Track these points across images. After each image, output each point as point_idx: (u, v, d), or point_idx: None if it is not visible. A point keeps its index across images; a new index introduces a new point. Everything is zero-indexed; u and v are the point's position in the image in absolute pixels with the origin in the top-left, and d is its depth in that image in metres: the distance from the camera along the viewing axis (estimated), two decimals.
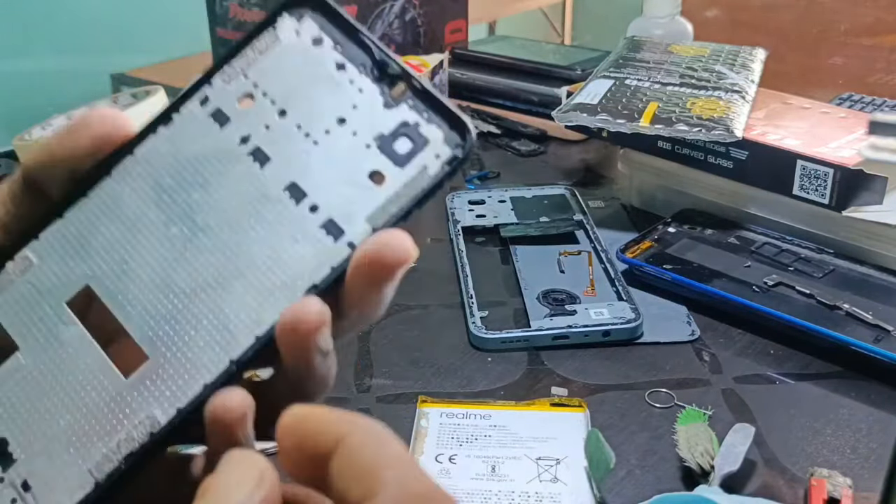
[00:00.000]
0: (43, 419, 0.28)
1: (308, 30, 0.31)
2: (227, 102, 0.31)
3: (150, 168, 0.30)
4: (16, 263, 0.30)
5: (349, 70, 0.30)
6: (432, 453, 0.46)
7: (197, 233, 0.29)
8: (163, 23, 1.73)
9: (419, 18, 1.08)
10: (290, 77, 0.31)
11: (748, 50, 0.83)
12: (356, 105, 0.30)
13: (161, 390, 0.28)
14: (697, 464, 0.45)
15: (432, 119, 0.30)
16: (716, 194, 0.71)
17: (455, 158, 0.29)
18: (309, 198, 0.29)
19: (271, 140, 0.30)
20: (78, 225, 0.30)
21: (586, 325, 0.57)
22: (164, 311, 0.29)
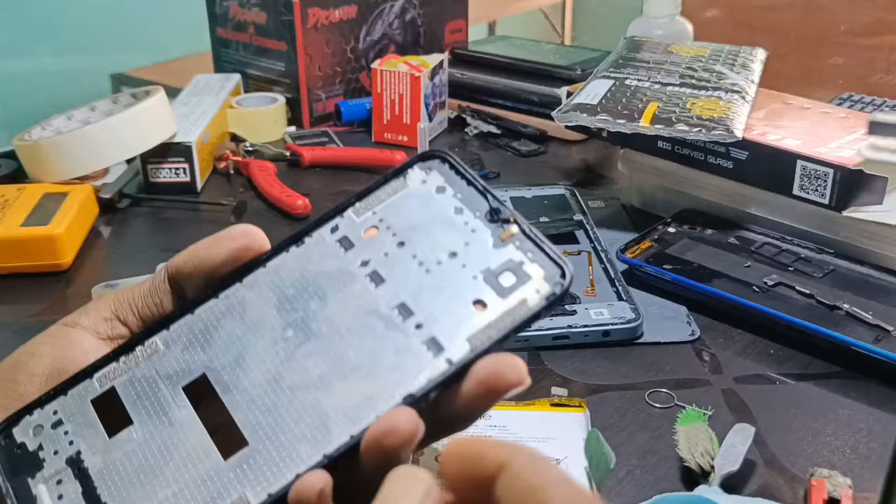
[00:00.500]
0: (144, 489, 0.31)
1: (434, 180, 0.36)
2: (353, 232, 0.35)
3: (277, 279, 0.35)
4: (145, 348, 0.34)
5: (465, 214, 0.35)
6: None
7: (309, 337, 0.33)
8: (163, 23, 1.73)
9: (419, 18, 1.08)
10: (412, 216, 0.35)
11: (748, 50, 0.83)
12: (468, 242, 0.34)
13: (256, 474, 0.31)
14: (697, 464, 0.45)
15: (536, 259, 0.33)
16: (716, 194, 0.71)
17: (553, 294, 0.32)
18: (415, 317, 0.33)
19: (388, 265, 0.34)
20: (205, 321, 0.34)
21: (586, 325, 0.57)
22: (269, 403, 0.32)
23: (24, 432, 0.33)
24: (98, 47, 1.69)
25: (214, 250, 0.35)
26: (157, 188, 0.81)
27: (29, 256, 0.67)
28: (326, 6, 0.97)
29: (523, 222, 0.34)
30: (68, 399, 0.33)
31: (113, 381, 0.33)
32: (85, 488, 0.31)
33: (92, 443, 0.32)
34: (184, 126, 0.83)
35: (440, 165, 0.36)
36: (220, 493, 0.31)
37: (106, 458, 0.32)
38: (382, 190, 0.36)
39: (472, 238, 0.34)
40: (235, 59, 1.04)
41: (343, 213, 0.36)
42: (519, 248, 0.33)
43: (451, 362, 0.31)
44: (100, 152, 0.76)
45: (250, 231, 0.35)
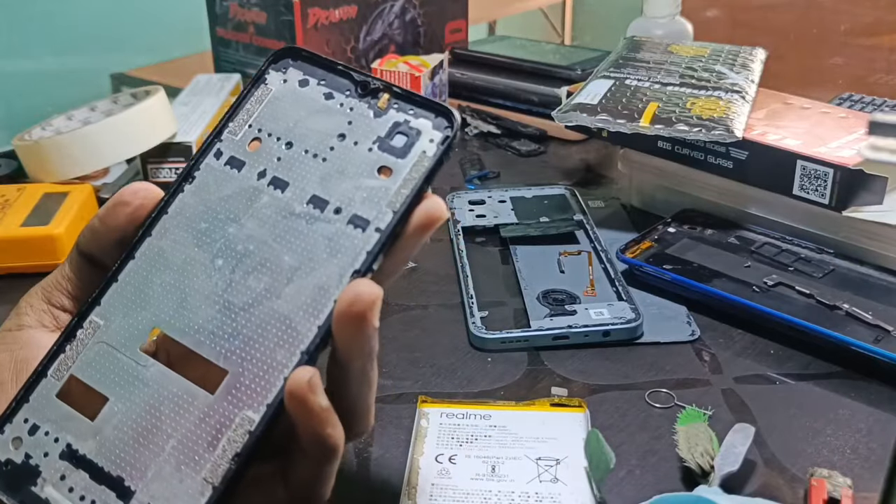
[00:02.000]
0: (148, 450, 0.32)
1: (293, 76, 0.37)
2: (238, 150, 0.36)
3: (185, 219, 0.35)
4: (85, 330, 0.34)
5: (336, 96, 0.36)
6: (432, 453, 0.46)
7: (240, 259, 0.34)
8: (163, 23, 1.73)
9: (419, 18, 1.08)
10: (287, 116, 0.36)
11: (748, 50, 0.83)
12: (350, 121, 0.35)
13: (248, 394, 0.32)
14: (697, 464, 0.45)
15: (419, 114, 0.35)
16: (716, 194, 0.71)
17: (447, 138, 0.34)
18: (331, 204, 0.34)
19: (285, 168, 0.35)
20: (133, 283, 0.34)
21: (586, 325, 0.57)
22: (230, 329, 0.33)
23: (4, 449, 0.33)
24: (98, 47, 1.69)
25: (112, 221, 0.35)
26: None
27: (29, 256, 0.67)
28: (326, 6, 0.97)
29: (393, 85, 0.36)
30: (33, 404, 0.33)
31: (69, 370, 0.33)
32: (92, 472, 0.32)
33: (77, 431, 0.32)
34: (184, 126, 0.83)
35: (294, 61, 0.37)
36: (221, 423, 0.31)
37: (98, 438, 0.32)
38: (248, 102, 0.36)
39: (352, 116, 0.35)
40: (235, 59, 1.04)
41: (220, 136, 0.36)
42: (399, 110, 0.35)
43: (381, 230, 0.33)
44: (100, 152, 0.76)
45: (140, 189, 0.35)
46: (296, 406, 0.30)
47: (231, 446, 0.31)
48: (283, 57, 0.37)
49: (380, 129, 0.35)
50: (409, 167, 0.34)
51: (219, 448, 0.31)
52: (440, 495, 0.43)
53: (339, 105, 0.36)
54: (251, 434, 0.31)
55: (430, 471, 0.45)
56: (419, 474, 0.45)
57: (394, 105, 0.35)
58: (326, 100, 0.36)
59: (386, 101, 0.35)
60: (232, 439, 0.31)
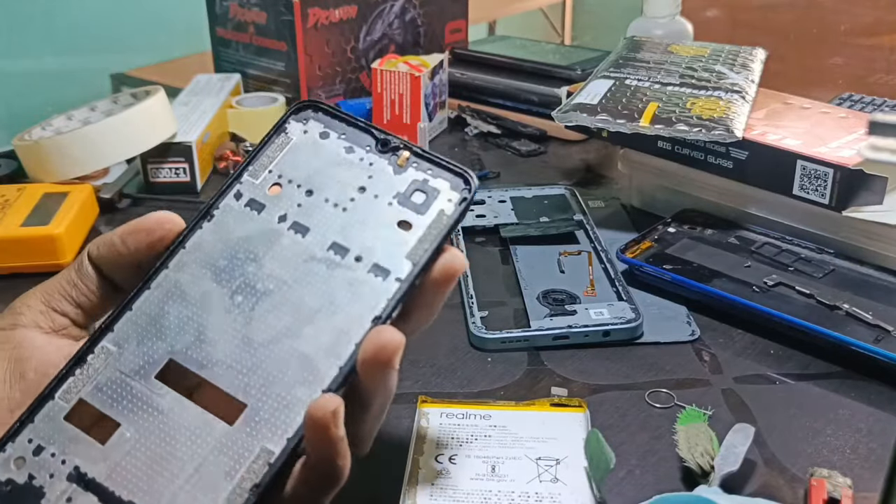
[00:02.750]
0: (162, 476, 0.32)
1: (314, 128, 0.38)
2: (258, 193, 0.37)
3: (203, 255, 0.35)
4: (97, 356, 0.34)
5: (357, 151, 0.37)
6: (432, 453, 0.46)
7: (260, 297, 0.34)
8: (163, 23, 1.73)
9: (419, 18, 1.08)
10: (308, 165, 0.37)
11: (748, 50, 0.83)
12: (371, 175, 0.37)
13: (268, 428, 0.32)
14: (697, 464, 0.45)
15: (437, 174, 0.36)
16: (716, 194, 0.71)
17: (464, 199, 0.36)
18: (352, 252, 0.35)
19: (305, 214, 0.36)
20: (147, 313, 0.35)
21: (586, 325, 0.57)
22: (250, 364, 0.33)
23: (6, 469, 0.32)
24: (98, 47, 1.69)
25: (133, 244, 0.36)
26: (157, 188, 0.81)
27: (29, 256, 0.67)
28: (326, 6, 0.97)
29: (412, 145, 0.37)
30: (38, 425, 0.33)
31: (78, 393, 0.33)
32: (101, 496, 0.31)
33: (86, 455, 0.32)
34: (184, 126, 0.83)
35: (314, 113, 0.38)
36: (240, 454, 0.32)
37: (108, 463, 0.32)
38: (269, 148, 0.38)
39: (372, 171, 0.37)
40: (235, 59, 1.04)
41: (240, 178, 0.37)
42: (418, 169, 0.37)
43: (401, 280, 0.34)
44: (100, 152, 0.76)
45: (165, 221, 0.36)
46: (316, 433, 0.31)
47: (250, 477, 0.31)
48: (304, 109, 0.38)
49: (399, 185, 0.36)
50: (427, 224, 0.35)
51: (237, 478, 0.31)
52: (440, 495, 0.43)
53: (360, 159, 0.37)
54: (271, 466, 0.31)
55: (430, 471, 0.45)
56: (419, 474, 0.45)
57: (413, 163, 0.37)
58: (347, 153, 0.37)
59: (405, 160, 0.37)
60: (251, 470, 0.31)
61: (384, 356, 0.32)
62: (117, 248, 0.36)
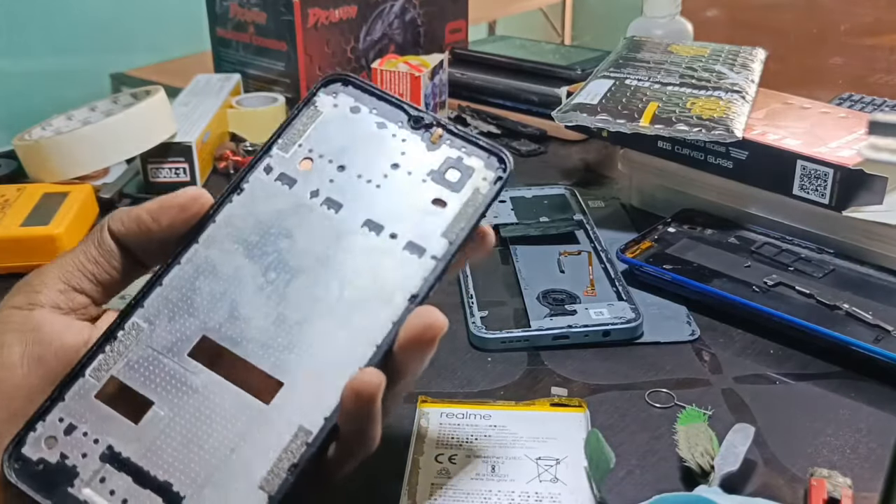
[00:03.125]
0: (198, 456, 0.31)
1: (344, 102, 0.37)
2: (288, 167, 0.36)
3: (234, 230, 0.35)
4: (127, 332, 0.33)
5: (389, 127, 0.37)
6: (432, 453, 0.46)
7: (294, 273, 0.34)
8: (163, 23, 1.73)
9: (419, 18, 1.08)
10: (339, 139, 0.36)
11: (748, 50, 0.83)
12: (404, 152, 0.36)
13: (303, 406, 0.32)
14: (697, 464, 0.45)
15: (471, 152, 0.36)
16: (716, 194, 0.71)
17: (499, 178, 0.35)
18: (386, 229, 0.35)
19: (338, 190, 0.35)
20: (179, 289, 0.34)
21: (586, 325, 0.57)
22: (285, 342, 0.33)
23: (36, 448, 0.32)
24: (98, 47, 1.69)
25: (165, 220, 0.35)
26: (157, 188, 0.81)
27: (29, 256, 0.67)
28: (326, 6, 0.97)
29: (446, 122, 0.37)
30: (69, 403, 0.32)
31: (109, 370, 0.33)
32: (136, 476, 0.31)
33: (119, 434, 0.32)
34: (184, 126, 0.83)
35: (344, 87, 0.37)
36: (278, 434, 0.31)
37: (142, 442, 0.31)
38: (298, 121, 0.37)
39: (405, 147, 0.36)
40: (235, 59, 1.04)
41: (269, 152, 0.36)
42: (452, 146, 0.36)
43: (437, 258, 0.34)
44: (100, 152, 0.76)
45: (199, 196, 0.35)
46: (359, 408, 0.31)
47: (287, 457, 0.31)
48: (333, 81, 0.38)
49: (433, 162, 0.36)
50: (463, 201, 0.35)
51: (274, 458, 0.31)
52: (440, 495, 0.43)
53: (392, 135, 0.36)
54: (308, 446, 0.31)
55: (430, 471, 0.45)
56: (419, 474, 0.45)
57: (446, 140, 0.36)
58: (379, 128, 0.36)
59: (439, 137, 0.36)
60: (289, 450, 0.31)
61: (429, 335, 0.32)
62: (147, 225, 0.35)
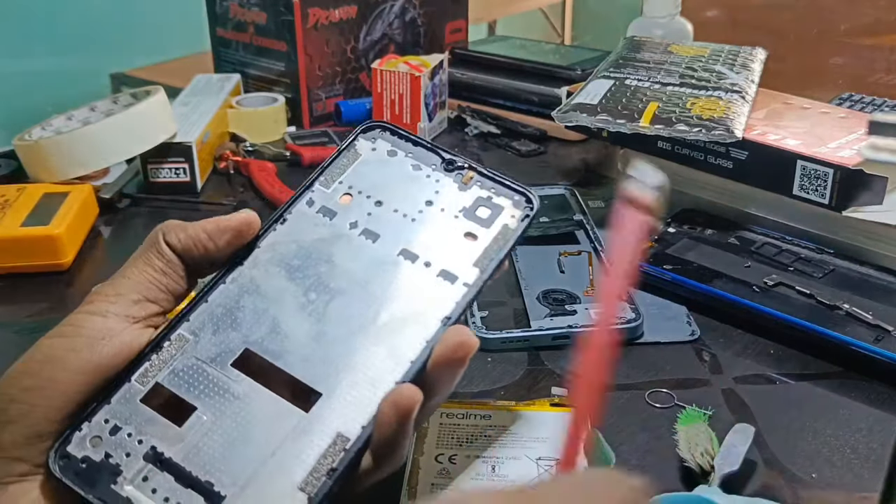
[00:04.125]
0: (240, 458, 0.32)
1: (382, 146, 0.41)
2: (329, 201, 0.39)
3: (277, 254, 0.37)
4: (173, 343, 0.35)
5: (424, 169, 0.40)
6: (432, 453, 0.46)
7: (333, 295, 0.36)
8: (163, 23, 1.73)
9: (419, 18, 1.08)
10: (377, 179, 0.39)
11: (748, 50, 0.83)
12: (437, 191, 0.39)
13: (342, 415, 0.33)
14: (697, 464, 0.45)
15: (500, 192, 0.39)
16: (716, 194, 0.71)
17: (527, 216, 0.39)
18: (421, 258, 0.37)
19: (376, 222, 0.38)
20: (224, 305, 0.36)
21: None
22: (324, 356, 0.35)
23: (81, 447, 0.33)
24: (98, 47, 1.69)
25: (222, 242, 0.37)
26: (157, 188, 0.81)
27: (29, 256, 0.67)
28: (326, 6, 0.97)
29: (477, 165, 0.40)
30: (114, 406, 0.34)
31: (155, 377, 0.34)
32: (178, 476, 0.32)
33: (163, 435, 0.33)
34: (184, 126, 0.83)
35: (382, 133, 0.41)
36: (316, 440, 0.33)
37: (186, 444, 0.33)
38: (339, 162, 0.40)
39: (439, 187, 0.39)
40: (235, 59, 1.04)
41: (312, 187, 0.39)
42: (482, 187, 0.39)
43: (468, 285, 0.37)
44: (100, 152, 0.76)
45: (251, 221, 0.38)
46: (398, 421, 0.32)
47: (327, 461, 0.32)
48: (373, 128, 0.41)
49: (465, 201, 0.39)
50: (493, 236, 0.38)
51: (314, 462, 0.32)
52: (440, 495, 0.43)
53: (427, 176, 0.39)
54: (346, 451, 0.32)
55: (430, 471, 0.45)
56: (419, 474, 0.45)
57: (477, 182, 0.39)
58: (414, 170, 0.40)
59: (470, 178, 0.39)
60: (327, 454, 0.32)
61: (461, 353, 0.34)
62: (204, 244, 0.37)
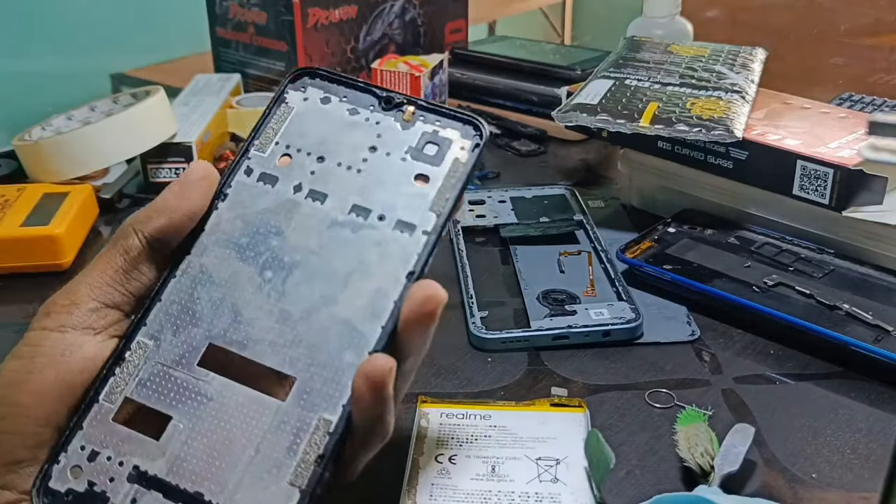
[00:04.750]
0: (225, 462, 0.31)
1: (313, 94, 0.38)
2: (268, 166, 0.36)
3: (223, 235, 0.35)
4: (134, 352, 0.34)
5: (361, 112, 0.37)
6: (432, 453, 0.46)
7: (290, 269, 0.34)
8: (163, 23, 1.73)
9: (419, 18, 1.08)
10: (314, 132, 0.37)
11: (748, 50, 0.83)
12: (379, 134, 0.37)
13: (319, 397, 0.32)
14: (697, 464, 0.45)
15: (445, 124, 0.37)
16: (716, 194, 0.71)
17: (477, 145, 0.36)
18: (374, 212, 0.35)
19: (320, 180, 0.36)
20: (179, 301, 0.34)
21: (586, 325, 0.57)
22: (291, 338, 0.33)
23: (63, 480, 0.31)
24: (98, 47, 1.69)
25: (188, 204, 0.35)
26: (157, 188, 0.81)
27: (29, 256, 0.67)
28: (326, 6, 0.97)
29: (416, 98, 0.37)
30: (87, 430, 0.32)
31: (122, 392, 0.33)
32: (166, 492, 0.31)
33: (143, 452, 0.32)
34: (184, 126, 0.83)
35: (311, 80, 0.38)
36: (299, 428, 0.32)
37: (167, 457, 0.32)
38: (271, 120, 0.37)
39: (380, 129, 0.37)
40: (235, 59, 1.04)
41: (247, 153, 0.37)
42: (426, 122, 0.37)
43: (428, 233, 0.34)
44: (100, 152, 0.76)
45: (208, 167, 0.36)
46: (372, 394, 0.31)
47: (313, 449, 0.31)
48: (300, 77, 0.38)
49: (409, 139, 0.36)
50: (444, 174, 0.35)
51: (300, 452, 0.31)
52: (440, 495, 0.43)
53: (365, 119, 0.37)
54: (331, 435, 0.31)
55: (430, 471, 0.45)
56: (419, 474, 0.45)
57: (420, 117, 0.37)
58: (351, 115, 0.37)
59: (411, 114, 0.37)
60: (313, 442, 0.31)
61: (430, 307, 0.32)
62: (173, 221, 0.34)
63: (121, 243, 0.34)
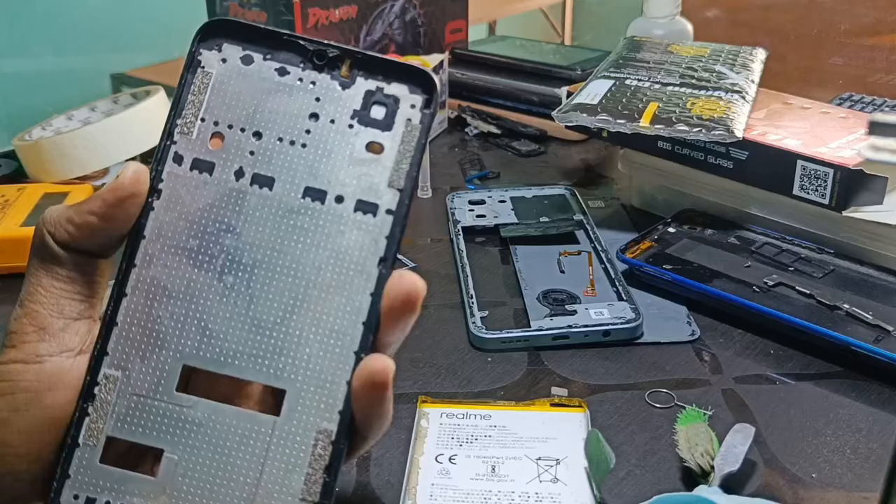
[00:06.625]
0: (229, 489, 0.29)
1: (232, 54, 0.32)
2: (199, 150, 0.31)
3: (168, 240, 0.30)
4: (103, 387, 0.30)
5: (292, 71, 0.31)
6: (432, 453, 0.46)
7: (251, 271, 0.30)
8: (163, 23, 1.73)
9: (419, 18, 1.08)
10: (242, 102, 0.31)
11: (748, 50, 0.83)
12: (318, 98, 0.31)
13: (316, 406, 0.29)
14: (697, 464, 0.45)
15: (390, 78, 0.31)
16: (716, 194, 0.71)
17: (428, 99, 0.31)
18: (330, 193, 0.31)
19: (263, 162, 0.31)
20: (138, 323, 0.30)
21: (586, 325, 0.57)
22: (269, 347, 0.30)
23: None
24: (98, 47, 1.69)
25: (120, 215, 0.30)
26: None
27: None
28: (326, 6, 0.97)
29: (353, 49, 0.31)
30: (75, 478, 0.29)
31: (102, 432, 0.30)
32: None
33: (142, 491, 0.29)
34: None
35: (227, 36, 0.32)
36: (299, 443, 0.29)
37: (169, 493, 0.29)
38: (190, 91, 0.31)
39: (317, 91, 0.31)
40: None
41: (172, 136, 0.31)
42: (368, 77, 0.31)
43: (392, 211, 0.30)
44: (100, 152, 0.76)
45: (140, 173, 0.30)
46: (374, 395, 0.29)
47: (318, 461, 0.29)
48: (212, 36, 0.32)
49: (352, 101, 0.31)
50: (399, 139, 0.31)
51: (306, 467, 0.29)
52: (440, 495, 0.43)
53: (298, 80, 0.31)
54: (333, 444, 0.29)
55: (430, 471, 0.45)
56: (419, 474, 0.45)
57: (359, 73, 0.31)
58: (281, 76, 0.31)
59: (349, 70, 0.31)
60: (316, 455, 0.29)
61: (412, 303, 0.30)
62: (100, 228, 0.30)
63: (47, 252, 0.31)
